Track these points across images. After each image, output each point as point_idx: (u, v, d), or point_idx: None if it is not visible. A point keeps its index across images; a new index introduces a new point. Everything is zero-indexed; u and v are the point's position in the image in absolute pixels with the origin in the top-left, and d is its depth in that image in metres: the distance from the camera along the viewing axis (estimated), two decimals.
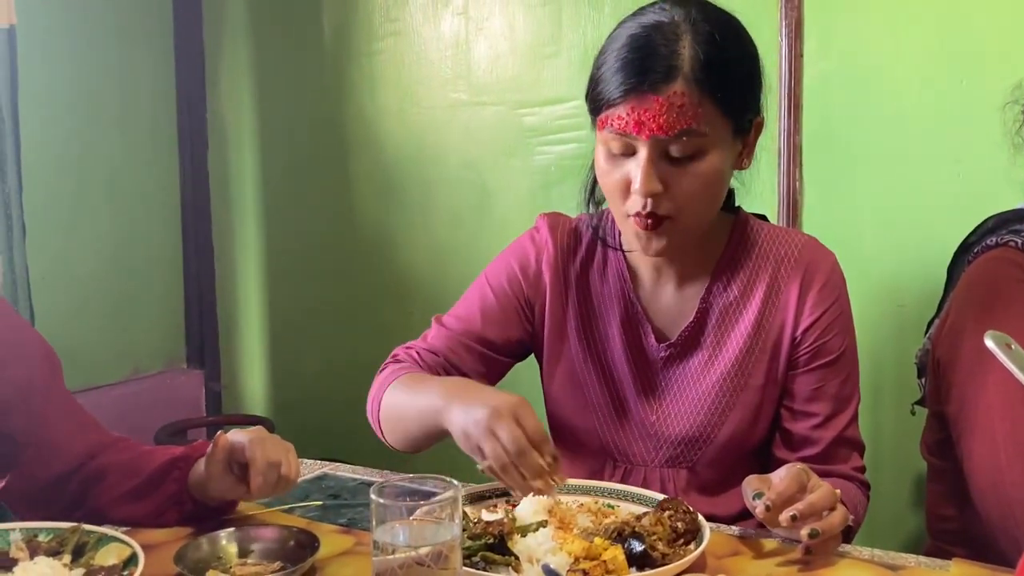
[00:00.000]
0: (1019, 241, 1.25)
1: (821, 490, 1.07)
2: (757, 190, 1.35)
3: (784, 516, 1.03)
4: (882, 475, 1.35)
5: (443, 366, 1.33)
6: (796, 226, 2.05)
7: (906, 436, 1.87)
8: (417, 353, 1.34)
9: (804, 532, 1.04)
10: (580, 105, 2.29)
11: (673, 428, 1.30)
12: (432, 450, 1.32)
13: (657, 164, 1.14)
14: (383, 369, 1.35)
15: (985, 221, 1.36)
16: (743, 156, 1.22)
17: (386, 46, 2.62)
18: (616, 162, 1.18)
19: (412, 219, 2.65)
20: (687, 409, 1.29)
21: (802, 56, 2.01)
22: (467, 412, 1.09)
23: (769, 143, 1.98)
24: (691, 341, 1.29)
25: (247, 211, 2.94)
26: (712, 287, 1.29)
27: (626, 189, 1.17)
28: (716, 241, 1.30)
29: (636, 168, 1.15)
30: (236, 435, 1.11)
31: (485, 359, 1.35)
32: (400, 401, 1.26)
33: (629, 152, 1.16)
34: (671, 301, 1.31)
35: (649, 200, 1.15)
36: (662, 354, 1.30)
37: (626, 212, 1.19)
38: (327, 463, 1.46)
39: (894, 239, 2.00)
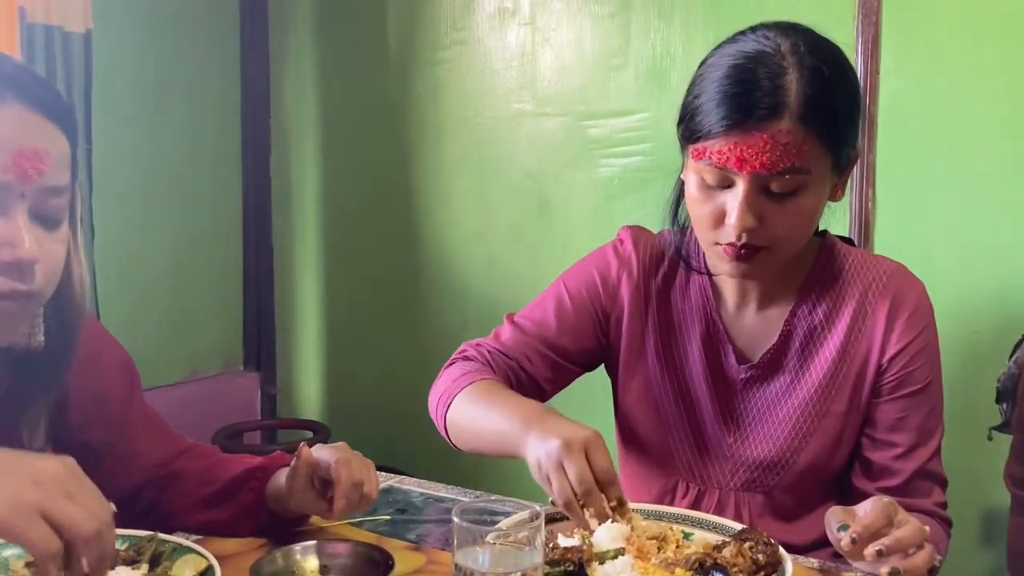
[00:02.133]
0: None
1: (909, 526, 1.03)
2: (829, 208, 1.32)
3: (870, 551, 1.00)
4: (949, 504, 1.31)
5: (514, 370, 1.31)
6: (867, 245, 2.01)
7: (978, 466, 1.82)
8: (488, 352, 1.32)
9: (884, 570, 1.00)
10: (646, 118, 2.32)
11: (751, 452, 1.27)
12: (497, 464, 1.31)
13: (755, 199, 1.11)
14: (451, 364, 1.33)
15: None
16: (838, 188, 1.19)
17: (451, 55, 2.62)
18: (710, 193, 1.15)
19: (472, 228, 2.65)
20: (766, 433, 1.26)
21: (878, 73, 1.97)
22: (541, 442, 1.07)
23: None
24: (773, 364, 1.26)
25: (307, 217, 2.97)
26: (797, 310, 1.26)
27: (719, 220, 1.14)
28: (802, 263, 1.27)
29: (733, 201, 1.12)
30: (321, 451, 1.10)
31: (556, 366, 1.33)
32: (473, 414, 1.23)
33: (725, 184, 1.13)
34: (754, 322, 1.28)
35: (745, 233, 1.12)
36: (743, 376, 1.27)
37: (714, 240, 1.16)
38: (392, 475, 1.45)
39: (969, 262, 1.95)
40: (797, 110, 1.08)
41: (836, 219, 1.37)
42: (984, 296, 1.95)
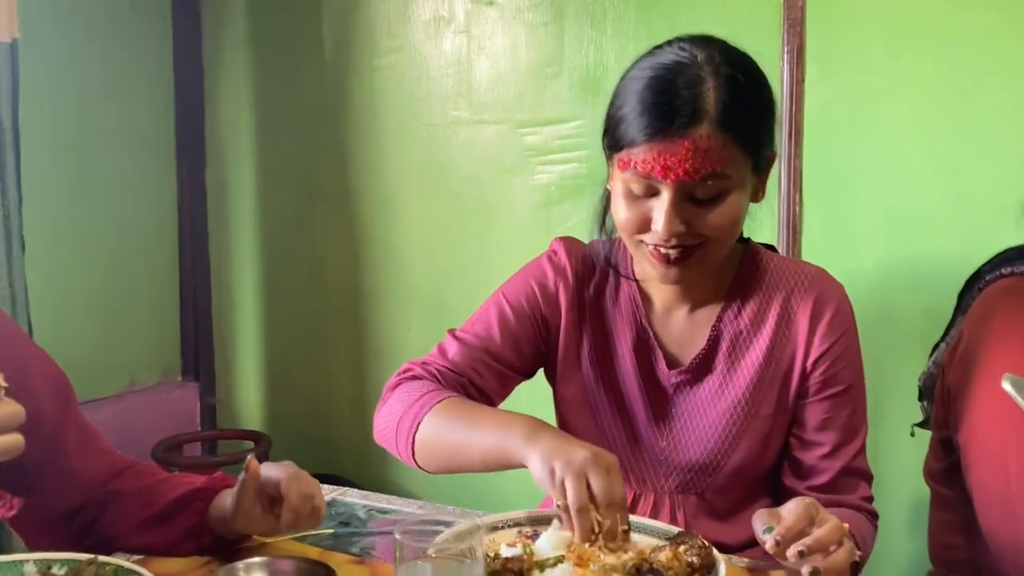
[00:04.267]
0: None
1: (828, 524, 1.07)
2: (758, 215, 1.36)
3: (792, 552, 1.03)
4: (878, 498, 1.37)
5: (464, 386, 1.32)
6: (796, 250, 2.07)
7: (905, 460, 1.89)
8: (437, 370, 1.32)
9: (806, 570, 1.04)
10: (581, 125, 2.36)
11: (684, 455, 1.31)
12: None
13: (680, 206, 1.15)
14: (397, 385, 1.31)
15: (1006, 251, 1.35)
16: (759, 190, 1.24)
17: (387, 62, 2.63)
18: (636, 201, 1.19)
19: (411, 235, 2.66)
20: (698, 436, 1.30)
21: (803, 81, 2.03)
22: (559, 450, 1.08)
23: None
24: (702, 368, 1.31)
25: (244, 225, 2.94)
26: (723, 315, 1.31)
27: (644, 225, 1.18)
28: (727, 270, 1.31)
29: (659, 209, 1.16)
30: (269, 468, 1.10)
31: (503, 377, 1.35)
32: (453, 428, 1.22)
33: (650, 192, 1.17)
34: (682, 328, 1.32)
35: (674, 237, 1.16)
36: (673, 380, 1.31)
37: (640, 240, 1.20)
38: (335, 488, 1.46)
39: (892, 264, 2.02)
40: (716, 116, 1.13)
41: (765, 224, 1.43)
42: (908, 297, 2.03)
